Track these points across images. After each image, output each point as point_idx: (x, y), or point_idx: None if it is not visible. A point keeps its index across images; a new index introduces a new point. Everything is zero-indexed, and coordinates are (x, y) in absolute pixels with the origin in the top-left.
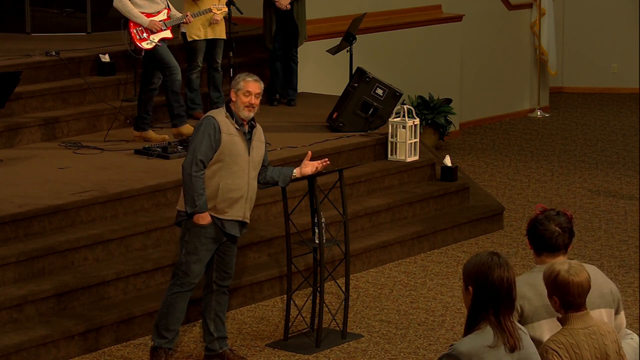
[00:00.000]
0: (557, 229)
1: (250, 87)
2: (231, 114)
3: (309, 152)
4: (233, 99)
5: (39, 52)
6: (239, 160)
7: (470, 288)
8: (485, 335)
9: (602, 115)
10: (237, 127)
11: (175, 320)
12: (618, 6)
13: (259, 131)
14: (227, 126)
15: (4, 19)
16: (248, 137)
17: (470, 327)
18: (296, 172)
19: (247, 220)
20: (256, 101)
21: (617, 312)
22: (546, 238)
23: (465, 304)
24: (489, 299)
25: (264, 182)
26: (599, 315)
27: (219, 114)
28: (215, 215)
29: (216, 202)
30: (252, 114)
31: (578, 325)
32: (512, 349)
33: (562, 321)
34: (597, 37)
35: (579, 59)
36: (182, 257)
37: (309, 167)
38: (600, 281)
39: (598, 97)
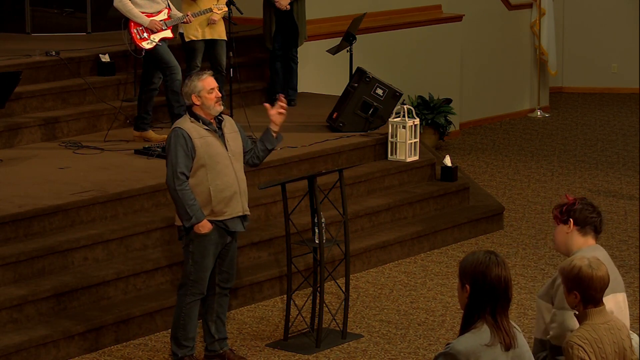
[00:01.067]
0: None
1: (211, 84)
2: (196, 117)
3: (266, 105)
4: (197, 102)
5: (39, 52)
6: (220, 159)
7: (467, 286)
8: (482, 334)
9: (602, 115)
10: (207, 127)
11: (193, 327)
12: (618, 6)
13: (228, 122)
14: (196, 131)
15: (4, 19)
16: (220, 133)
17: (467, 325)
18: (272, 128)
19: (248, 213)
20: (219, 93)
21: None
22: (595, 219)
23: (461, 302)
24: (486, 298)
25: (258, 161)
26: (623, 298)
27: (184, 122)
28: (215, 218)
29: (212, 206)
30: (222, 107)
31: (598, 320)
32: (508, 347)
33: (582, 317)
34: (597, 37)
35: (579, 59)
36: (190, 267)
37: (276, 117)
38: (614, 267)
39: (598, 97)
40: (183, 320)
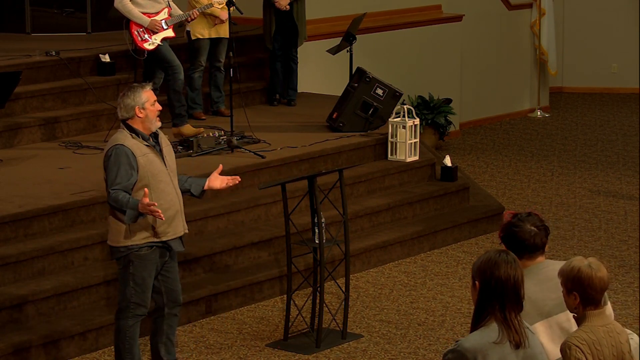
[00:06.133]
0: (533, 228)
1: (153, 96)
2: (136, 133)
3: (220, 166)
4: (141, 115)
5: (39, 52)
6: (162, 177)
7: (477, 283)
8: (490, 331)
9: (602, 115)
10: (146, 143)
11: (138, 349)
12: (618, 6)
13: (163, 137)
14: (138, 148)
15: (4, 19)
16: (158, 149)
17: (477, 322)
18: (205, 184)
19: (187, 231)
20: (160, 107)
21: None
22: (525, 239)
23: (473, 300)
24: (495, 295)
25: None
26: (567, 318)
27: (126, 139)
28: (158, 239)
29: (156, 226)
30: (161, 122)
31: (597, 322)
32: (517, 345)
33: (581, 319)
34: (597, 37)
35: (579, 59)
36: (131, 289)
37: (217, 181)
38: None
39: (598, 97)
40: (128, 344)
